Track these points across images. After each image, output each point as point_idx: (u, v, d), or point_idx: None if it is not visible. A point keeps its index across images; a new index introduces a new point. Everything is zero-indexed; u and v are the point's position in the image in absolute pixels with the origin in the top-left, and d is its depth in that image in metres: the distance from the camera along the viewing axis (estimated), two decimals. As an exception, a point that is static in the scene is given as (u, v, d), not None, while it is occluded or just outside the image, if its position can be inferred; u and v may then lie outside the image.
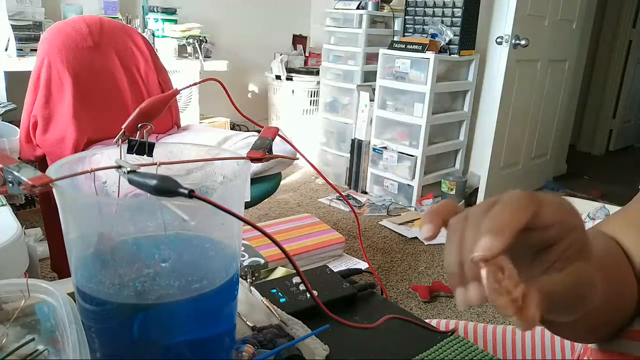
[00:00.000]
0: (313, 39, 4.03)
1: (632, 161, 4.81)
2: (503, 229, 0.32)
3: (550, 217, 0.34)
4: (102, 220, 0.40)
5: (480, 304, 0.32)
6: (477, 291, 0.32)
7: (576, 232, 0.35)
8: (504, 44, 2.92)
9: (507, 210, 0.33)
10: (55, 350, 0.46)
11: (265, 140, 0.52)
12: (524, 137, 3.36)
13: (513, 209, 0.33)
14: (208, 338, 0.45)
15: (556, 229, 0.35)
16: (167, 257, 0.42)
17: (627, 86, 4.86)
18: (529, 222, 0.33)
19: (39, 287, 0.49)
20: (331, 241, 1.68)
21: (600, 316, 0.46)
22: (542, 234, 0.35)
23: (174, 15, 3.14)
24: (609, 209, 2.38)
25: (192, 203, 0.35)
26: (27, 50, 2.43)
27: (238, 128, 3.59)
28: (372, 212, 2.94)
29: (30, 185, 0.37)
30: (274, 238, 0.39)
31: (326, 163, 3.52)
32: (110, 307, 0.41)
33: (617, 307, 0.48)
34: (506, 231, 0.32)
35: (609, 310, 0.47)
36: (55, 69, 1.66)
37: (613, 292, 0.46)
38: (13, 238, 0.76)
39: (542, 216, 0.34)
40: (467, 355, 0.59)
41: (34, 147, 1.67)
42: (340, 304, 0.69)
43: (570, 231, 0.35)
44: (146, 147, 0.49)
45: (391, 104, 3.07)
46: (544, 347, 0.77)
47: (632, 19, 4.67)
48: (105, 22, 1.86)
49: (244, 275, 0.75)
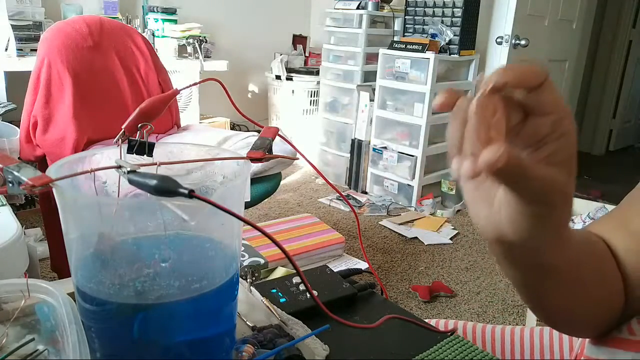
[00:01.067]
0: (313, 39, 4.03)
1: (632, 161, 4.81)
2: (511, 69, 0.34)
3: (551, 103, 0.35)
4: (102, 220, 0.40)
5: (472, 178, 0.33)
6: (471, 166, 0.32)
7: (568, 138, 0.36)
8: (504, 44, 2.92)
9: (516, 64, 0.34)
10: (55, 350, 0.47)
11: (265, 140, 0.52)
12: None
13: (521, 65, 0.34)
14: (208, 338, 0.45)
15: (551, 121, 0.35)
16: (167, 257, 0.42)
17: (627, 86, 4.86)
18: (533, 87, 0.34)
19: (39, 287, 0.49)
20: (331, 241, 1.68)
21: (575, 297, 0.46)
22: (537, 123, 0.35)
23: (174, 15, 3.14)
24: (609, 209, 2.38)
25: (192, 203, 0.35)
26: (27, 50, 2.43)
27: (238, 128, 3.59)
28: (372, 212, 2.94)
29: (30, 185, 0.37)
30: (274, 238, 0.39)
31: (326, 163, 3.52)
32: (110, 307, 0.41)
33: (597, 296, 0.48)
34: (513, 71, 0.33)
35: (584, 294, 0.47)
36: (55, 69, 1.66)
37: (590, 279, 0.47)
38: (13, 238, 0.76)
39: (545, 96, 0.35)
40: (467, 355, 0.59)
41: (34, 147, 1.67)
42: (340, 304, 0.69)
43: (563, 134, 0.35)
44: (146, 147, 0.49)
45: (391, 104, 3.07)
46: (543, 347, 0.77)
47: (632, 19, 4.67)
48: (105, 22, 1.86)
49: (244, 275, 0.75)
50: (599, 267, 0.49)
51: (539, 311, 0.51)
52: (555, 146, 0.35)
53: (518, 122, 0.36)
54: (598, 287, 0.48)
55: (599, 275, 0.48)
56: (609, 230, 0.52)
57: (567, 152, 0.36)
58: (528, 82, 0.34)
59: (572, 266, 0.44)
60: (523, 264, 0.44)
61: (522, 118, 0.36)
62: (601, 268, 0.49)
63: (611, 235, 0.52)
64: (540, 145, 0.36)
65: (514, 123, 0.36)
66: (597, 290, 0.48)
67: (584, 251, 0.47)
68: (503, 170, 0.31)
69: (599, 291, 0.49)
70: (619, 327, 0.50)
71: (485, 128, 0.33)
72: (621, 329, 0.49)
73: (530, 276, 0.45)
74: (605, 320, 0.50)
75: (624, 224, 0.51)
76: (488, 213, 0.39)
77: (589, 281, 0.47)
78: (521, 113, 0.36)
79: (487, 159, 0.31)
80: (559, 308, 0.49)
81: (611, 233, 0.52)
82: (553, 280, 0.44)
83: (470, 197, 0.40)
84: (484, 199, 0.39)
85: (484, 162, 0.31)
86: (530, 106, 0.35)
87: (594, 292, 0.48)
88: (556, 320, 0.52)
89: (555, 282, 0.44)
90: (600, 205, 2.47)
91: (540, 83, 0.34)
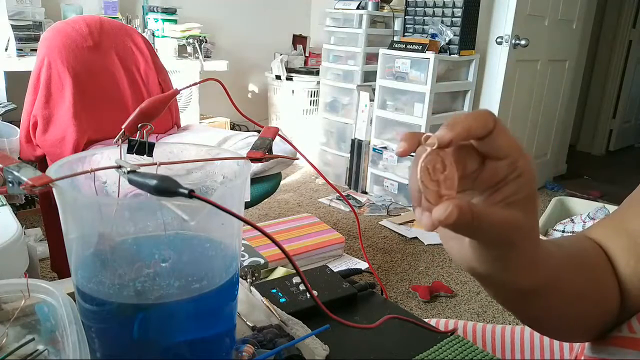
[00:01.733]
0: (313, 39, 4.03)
1: (632, 161, 4.81)
2: (457, 123, 0.34)
3: (504, 147, 0.36)
4: (102, 220, 0.40)
5: (431, 231, 0.35)
6: (429, 219, 0.34)
7: (526, 177, 0.36)
8: (504, 44, 2.92)
9: (464, 115, 0.35)
10: (55, 350, 0.47)
11: (265, 140, 0.52)
12: (524, 137, 3.36)
13: (470, 114, 0.35)
14: (208, 338, 0.45)
15: (507, 164, 0.36)
16: (167, 257, 0.42)
17: (627, 86, 4.86)
18: (483, 137, 0.35)
19: (39, 287, 0.49)
20: (331, 241, 1.68)
21: (561, 310, 0.47)
22: (493, 167, 0.36)
23: (174, 15, 3.14)
24: (609, 209, 2.38)
25: (192, 203, 0.35)
26: (27, 50, 2.43)
27: (238, 128, 3.59)
28: (372, 212, 2.94)
29: (30, 185, 0.37)
30: (274, 238, 0.39)
31: (326, 163, 3.52)
32: (110, 307, 0.41)
33: (588, 303, 0.49)
34: (459, 126, 0.34)
35: (570, 305, 0.47)
36: (55, 69, 1.66)
37: (578, 290, 0.47)
38: (13, 238, 0.76)
39: (498, 142, 0.36)
40: (467, 355, 0.59)
41: (34, 147, 1.67)
42: (340, 304, 0.69)
43: (520, 175, 0.36)
44: (146, 147, 0.49)
45: (391, 104, 3.07)
46: (543, 347, 0.77)
47: (632, 19, 4.67)
48: (105, 22, 1.86)
49: (244, 275, 0.75)
50: (590, 276, 0.49)
51: (527, 323, 0.52)
52: (514, 187, 0.36)
53: (476, 168, 0.37)
54: (589, 294, 0.48)
55: (590, 283, 0.49)
56: (607, 232, 0.53)
57: (525, 191, 0.37)
58: (475, 134, 0.35)
59: (552, 285, 0.45)
60: (500, 289, 0.45)
61: (480, 162, 0.37)
62: (593, 277, 0.49)
63: (609, 237, 0.52)
64: (499, 187, 0.37)
65: (472, 169, 0.37)
66: (587, 299, 0.48)
67: (570, 264, 0.47)
68: (455, 224, 0.33)
69: (589, 299, 0.49)
70: (619, 326, 0.50)
71: (434, 188, 0.34)
72: (621, 328, 0.49)
73: (510, 297, 0.46)
74: (600, 324, 0.50)
75: (622, 225, 0.52)
76: (459, 248, 0.40)
77: (577, 292, 0.48)
78: (479, 157, 0.37)
79: (437, 217, 0.32)
80: (545, 320, 0.50)
81: (609, 235, 0.52)
82: (534, 299, 0.45)
83: (442, 234, 0.41)
84: (453, 236, 0.40)
85: (436, 220, 0.33)
86: (485, 152, 0.36)
87: (584, 300, 0.48)
88: (547, 329, 0.53)
89: (536, 300, 0.45)
90: (600, 205, 2.47)
91: (490, 131, 0.35)
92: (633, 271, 0.49)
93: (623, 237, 0.51)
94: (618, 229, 0.52)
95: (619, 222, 0.52)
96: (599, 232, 0.53)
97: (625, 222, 0.52)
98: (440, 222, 0.32)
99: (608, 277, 0.50)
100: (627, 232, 0.51)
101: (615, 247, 0.51)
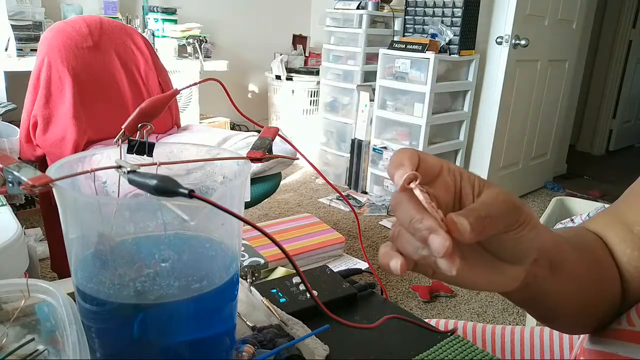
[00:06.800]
0: (313, 39, 4.03)
1: (632, 161, 4.81)
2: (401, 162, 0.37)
3: (432, 160, 0.39)
4: (102, 220, 0.40)
5: (400, 274, 0.37)
6: (398, 262, 0.36)
7: (465, 173, 0.40)
8: (504, 44, 2.92)
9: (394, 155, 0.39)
10: (55, 350, 0.47)
11: (265, 140, 0.52)
12: (524, 137, 3.36)
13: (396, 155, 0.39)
14: (208, 338, 0.45)
15: (445, 169, 0.39)
16: (167, 257, 0.42)
17: (627, 86, 4.86)
18: (417, 163, 0.38)
19: (39, 287, 0.49)
20: (331, 241, 1.68)
21: (578, 305, 0.49)
22: (444, 179, 0.39)
23: (174, 15, 3.14)
24: (609, 209, 2.38)
25: (192, 203, 0.35)
26: (27, 50, 2.43)
27: (238, 128, 3.59)
28: (372, 212, 2.94)
29: (30, 185, 0.37)
30: (274, 238, 0.39)
31: (326, 163, 3.52)
32: (110, 307, 0.41)
33: (598, 297, 0.50)
34: (405, 162, 0.37)
35: (587, 299, 0.48)
36: (55, 69, 1.66)
37: (592, 286, 0.48)
38: (13, 238, 0.76)
39: (427, 160, 0.39)
40: (467, 355, 0.59)
41: (34, 147, 1.67)
42: (340, 304, 0.69)
43: (461, 173, 0.40)
44: (146, 147, 0.49)
45: (391, 104, 3.07)
46: (543, 347, 0.77)
47: (632, 19, 4.66)
48: (105, 22, 1.86)
49: (244, 275, 0.75)
50: (598, 270, 0.50)
51: (544, 323, 0.53)
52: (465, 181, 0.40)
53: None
54: (599, 288, 0.49)
55: (598, 276, 0.50)
56: (605, 224, 0.54)
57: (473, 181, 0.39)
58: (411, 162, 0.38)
59: (574, 285, 0.47)
60: (524, 302, 0.48)
61: (452, 198, 0.39)
62: (600, 271, 0.50)
63: (607, 229, 0.53)
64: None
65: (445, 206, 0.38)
66: (598, 292, 0.49)
67: (583, 265, 0.48)
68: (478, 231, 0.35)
69: (600, 292, 0.50)
70: (618, 319, 0.50)
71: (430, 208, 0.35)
72: (621, 320, 0.50)
73: (534, 306, 0.49)
74: (607, 315, 0.51)
75: (620, 216, 0.53)
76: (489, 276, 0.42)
77: (592, 289, 0.49)
78: (451, 193, 0.39)
79: (462, 228, 0.34)
80: (563, 316, 0.51)
81: (607, 227, 0.53)
82: (553, 300, 0.47)
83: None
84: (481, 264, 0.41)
85: (464, 231, 0.34)
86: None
87: (596, 294, 0.49)
88: (561, 325, 0.54)
89: (555, 302, 0.47)
90: (600, 205, 2.47)
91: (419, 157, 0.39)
92: (629, 259, 0.50)
93: (621, 229, 0.52)
94: (615, 220, 0.53)
95: (617, 213, 0.54)
96: (596, 225, 0.55)
97: (623, 214, 0.53)
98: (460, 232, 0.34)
99: (613, 267, 0.51)
100: (625, 223, 0.52)
101: (613, 236, 0.52)
